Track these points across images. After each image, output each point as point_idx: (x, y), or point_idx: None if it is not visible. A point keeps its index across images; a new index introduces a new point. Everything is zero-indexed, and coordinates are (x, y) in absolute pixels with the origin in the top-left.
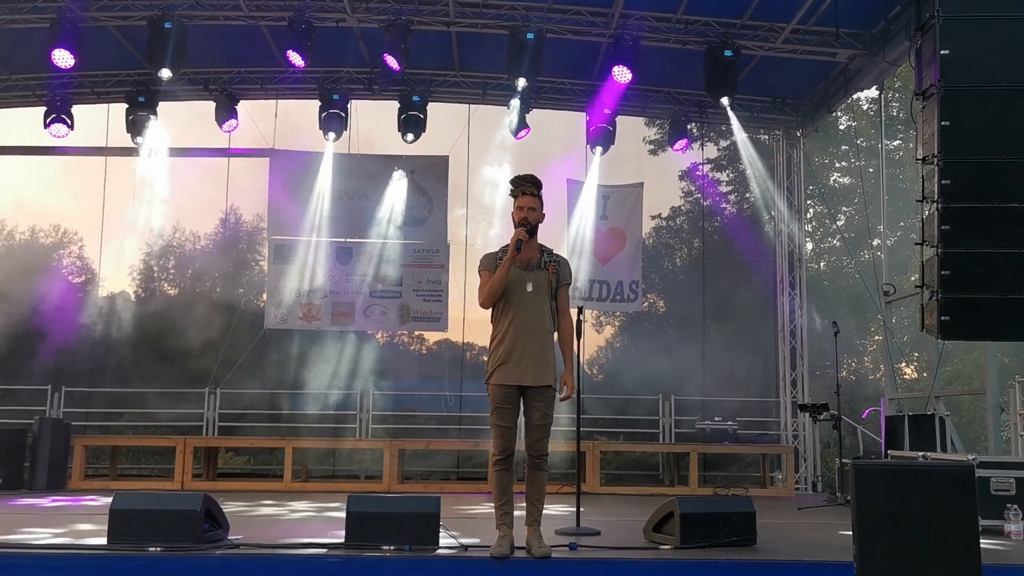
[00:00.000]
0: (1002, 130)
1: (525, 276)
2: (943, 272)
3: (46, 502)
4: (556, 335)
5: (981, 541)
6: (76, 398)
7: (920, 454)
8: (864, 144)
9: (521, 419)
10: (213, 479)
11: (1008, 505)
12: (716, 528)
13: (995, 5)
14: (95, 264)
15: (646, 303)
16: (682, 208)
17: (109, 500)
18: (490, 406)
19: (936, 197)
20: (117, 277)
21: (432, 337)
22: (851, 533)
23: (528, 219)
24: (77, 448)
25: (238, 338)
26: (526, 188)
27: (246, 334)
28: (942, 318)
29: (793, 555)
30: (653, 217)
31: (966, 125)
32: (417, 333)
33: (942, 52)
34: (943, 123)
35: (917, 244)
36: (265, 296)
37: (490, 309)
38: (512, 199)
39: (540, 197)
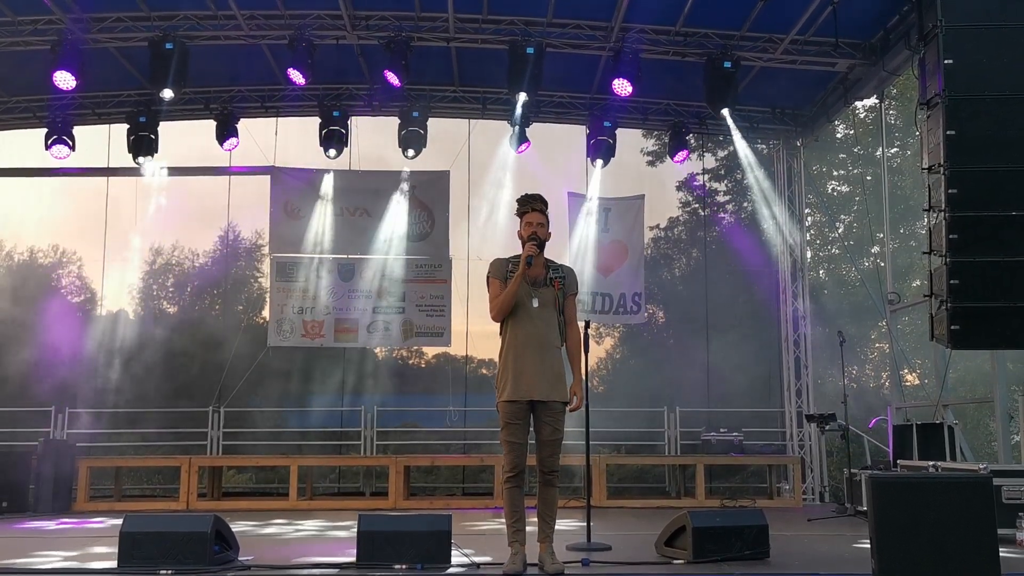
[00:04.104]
0: (1007, 138)
1: (531, 292)
2: (952, 281)
3: (52, 525)
4: (564, 348)
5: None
6: (79, 419)
7: (930, 464)
8: (861, 152)
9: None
10: (218, 498)
11: (1020, 514)
12: (729, 542)
13: (998, 14)
14: (95, 284)
15: (646, 314)
16: (680, 218)
17: (116, 522)
18: (500, 422)
19: (943, 206)
20: (117, 296)
21: (431, 351)
22: (865, 545)
23: (537, 234)
24: (82, 469)
25: (239, 356)
26: (535, 205)
27: (247, 352)
28: (952, 327)
29: (808, 568)
30: (651, 228)
31: (971, 134)
32: (416, 347)
33: (946, 62)
34: (948, 132)
35: (924, 253)
36: (265, 313)
37: (499, 323)
38: (518, 218)
39: (547, 215)
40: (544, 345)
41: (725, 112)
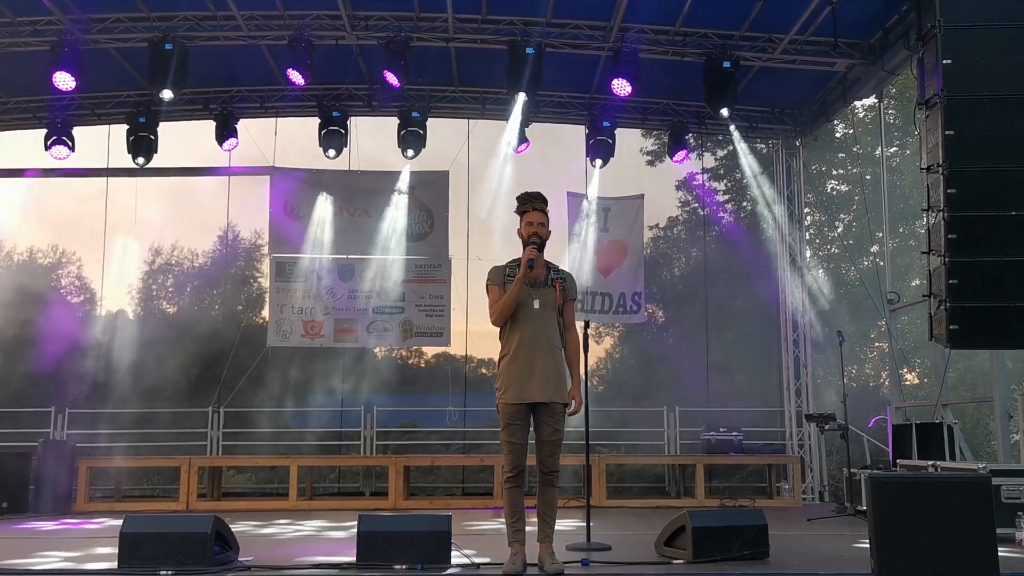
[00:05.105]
0: (1006, 138)
1: (532, 293)
2: (951, 281)
3: (52, 525)
4: (564, 351)
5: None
6: (79, 419)
7: (930, 463)
8: (860, 151)
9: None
10: (218, 499)
11: (1019, 513)
12: (729, 542)
13: (996, 14)
14: (94, 284)
15: (646, 314)
16: (679, 218)
17: (116, 522)
18: (501, 423)
19: (942, 206)
20: (116, 296)
21: (430, 351)
22: (865, 545)
23: (539, 234)
24: (82, 470)
25: (239, 356)
26: (535, 204)
27: (247, 352)
28: (951, 327)
29: (808, 568)
30: (651, 227)
31: (970, 134)
32: (416, 347)
33: (944, 62)
34: (947, 132)
35: (923, 253)
36: (265, 313)
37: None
38: (518, 216)
39: (547, 214)
40: (545, 346)
41: (724, 112)
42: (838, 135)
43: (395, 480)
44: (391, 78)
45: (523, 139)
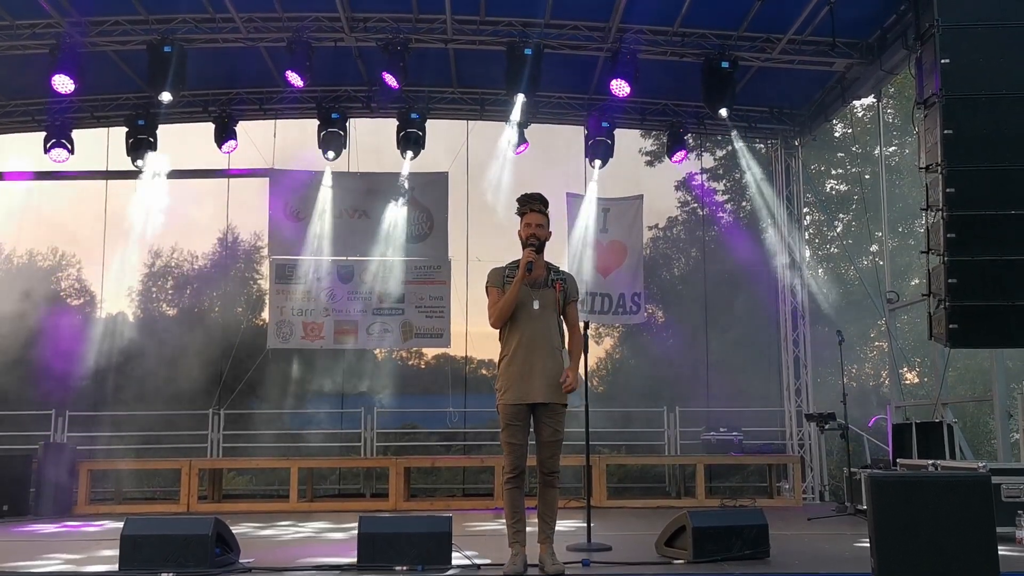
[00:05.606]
0: (1004, 137)
1: (532, 294)
2: (950, 280)
3: (53, 528)
4: (565, 351)
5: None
6: (79, 422)
7: (930, 462)
8: (859, 151)
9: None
10: (219, 501)
11: (1019, 512)
12: (729, 542)
13: (994, 13)
14: (94, 286)
15: (646, 314)
16: (679, 218)
17: (116, 525)
18: (501, 424)
19: (941, 205)
20: (116, 299)
21: (431, 352)
22: (865, 544)
23: (537, 235)
24: (82, 473)
25: (239, 358)
26: (534, 205)
27: (247, 354)
28: (950, 326)
29: (808, 568)
30: (650, 228)
31: (969, 133)
32: (416, 349)
33: (943, 61)
34: (946, 132)
35: (923, 252)
36: (265, 315)
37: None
38: (518, 217)
39: (547, 215)
40: (545, 347)
41: (723, 112)
42: (837, 135)
43: (395, 481)
44: (390, 80)
45: (522, 140)
